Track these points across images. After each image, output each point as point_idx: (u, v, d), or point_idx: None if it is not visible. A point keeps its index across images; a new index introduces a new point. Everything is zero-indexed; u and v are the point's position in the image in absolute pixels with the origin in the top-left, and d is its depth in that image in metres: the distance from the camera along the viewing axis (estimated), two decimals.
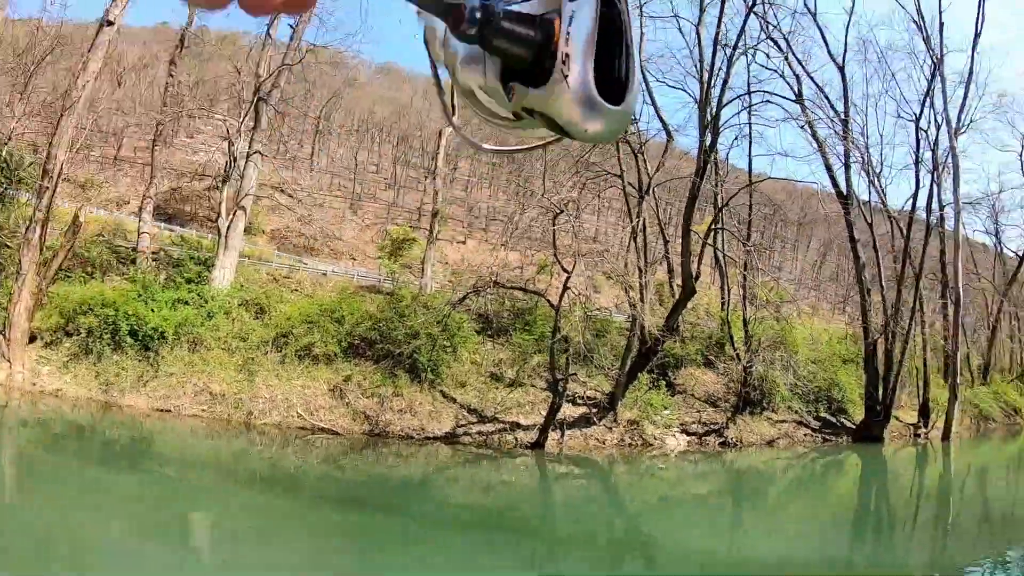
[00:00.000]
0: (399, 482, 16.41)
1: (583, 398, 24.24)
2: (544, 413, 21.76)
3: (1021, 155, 45.27)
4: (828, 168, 31.02)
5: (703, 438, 25.47)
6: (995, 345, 49.00)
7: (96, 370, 20.52)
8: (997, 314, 47.81)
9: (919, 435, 32.55)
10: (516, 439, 21.82)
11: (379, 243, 38.42)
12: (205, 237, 32.19)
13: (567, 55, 0.81)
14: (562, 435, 22.19)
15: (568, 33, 0.83)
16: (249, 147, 27.29)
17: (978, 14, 33.75)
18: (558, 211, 23.51)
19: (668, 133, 27.80)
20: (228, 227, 26.02)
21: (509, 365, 24.94)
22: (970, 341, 47.59)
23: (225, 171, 28.26)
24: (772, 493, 20.30)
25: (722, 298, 31.33)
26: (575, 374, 23.12)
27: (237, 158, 27.22)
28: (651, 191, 27.09)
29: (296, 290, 28.24)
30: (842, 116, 31.77)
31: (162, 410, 19.55)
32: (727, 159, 30.68)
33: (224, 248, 25.78)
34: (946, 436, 31.95)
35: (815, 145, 30.63)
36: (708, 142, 25.81)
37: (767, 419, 27.47)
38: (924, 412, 33.33)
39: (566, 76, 0.82)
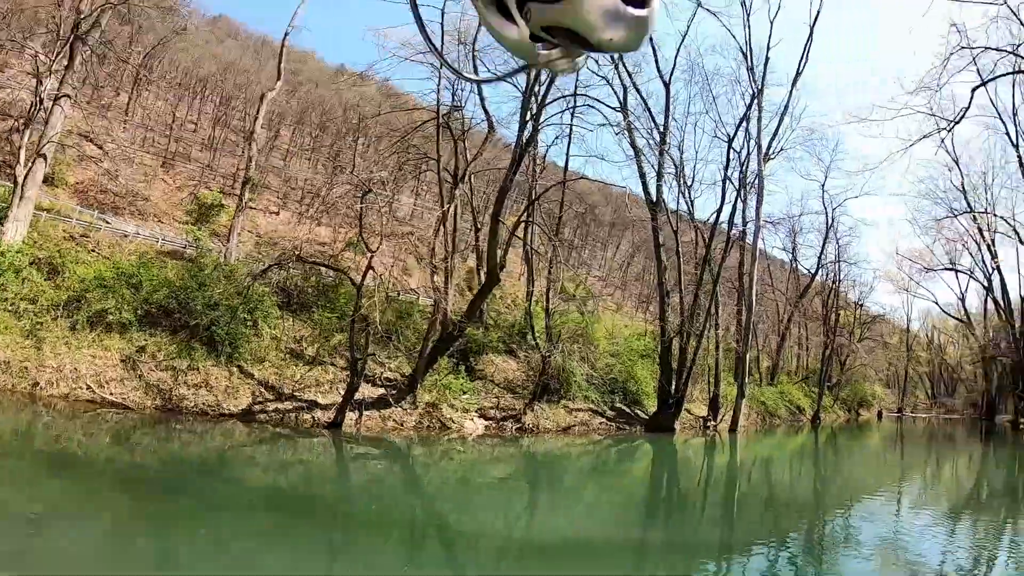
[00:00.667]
0: (194, 461, 15.56)
1: (383, 379, 24.01)
2: (343, 392, 21.48)
3: (823, 185, 49.61)
4: (642, 176, 32.53)
5: (501, 423, 26.00)
6: (784, 350, 53.22)
7: None
8: (787, 322, 51.92)
9: (708, 427, 34.74)
10: (314, 418, 21.36)
11: (187, 206, 36.51)
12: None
13: None
14: (360, 415, 21.96)
15: None
16: (59, 88, 24.92)
17: (802, 55, 36.21)
18: (367, 189, 23.20)
19: (490, 124, 28.07)
20: (26, 176, 23.61)
21: (310, 342, 24.30)
22: (761, 345, 51.49)
23: (29, 112, 25.77)
24: (568, 477, 20.60)
25: (528, 289, 32.07)
26: (374, 354, 22.89)
27: (44, 99, 24.83)
28: (467, 178, 27.26)
29: (94, 251, 26.22)
30: (661, 129, 33.28)
31: None
32: (545, 156, 31.39)
33: (19, 199, 23.36)
34: (733, 429, 34.50)
35: (632, 153, 31.91)
36: (527, 137, 26.21)
37: (564, 407, 28.41)
38: (714, 406, 35.67)
39: None
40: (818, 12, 35.39)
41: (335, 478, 16.50)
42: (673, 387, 31.53)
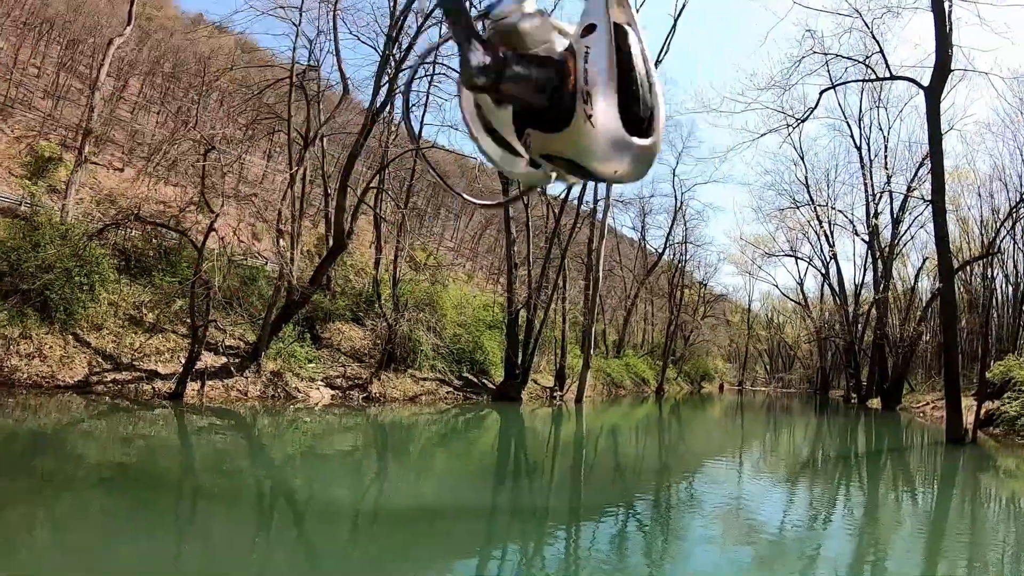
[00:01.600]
0: (29, 438, 14.49)
1: (226, 347, 23.23)
2: (184, 361, 20.82)
3: (675, 170, 51.92)
4: None
5: (348, 392, 25.96)
6: (630, 324, 55.57)
7: None
8: (634, 298, 54.29)
9: (555, 397, 36.07)
10: (154, 388, 20.51)
11: (23, 159, 34.06)
12: None
13: (588, 93, 0.75)
14: (202, 385, 21.37)
15: (586, 71, 0.76)
16: None
17: (663, 46, 37.17)
18: (210, 146, 22.46)
19: (346, 86, 27.68)
20: None
21: (150, 308, 23.00)
22: (609, 319, 53.54)
23: None
24: (417, 446, 20.34)
25: (376, 256, 32.07)
26: (215, 320, 22.20)
27: None
28: (318, 141, 26.86)
29: None
30: None
31: None
32: (399, 123, 31.22)
33: None
34: (579, 399, 35.87)
35: None
36: (380, 102, 26.05)
37: (411, 376, 28.67)
38: (560, 377, 37.05)
39: (590, 116, 0.75)
40: (683, 6, 36.63)
41: (179, 452, 15.78)
42: (520, 358, 32.49)
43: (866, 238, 52.42)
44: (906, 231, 50.79)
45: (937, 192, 24.95)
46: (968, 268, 43.49)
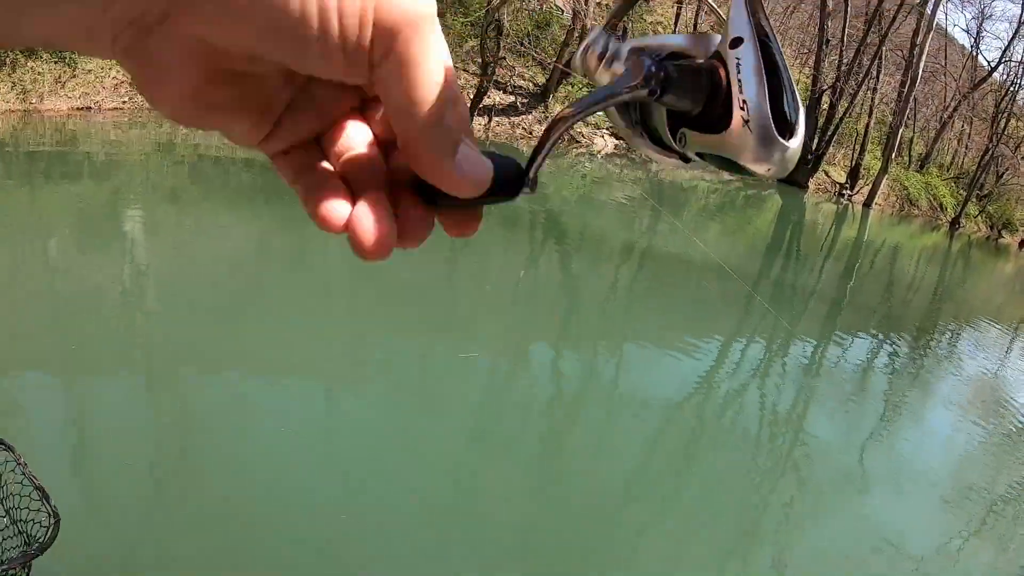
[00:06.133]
0: None
1: (515, 87, 24.08)
2: (472, 96, 21.64)
3: None
4: None
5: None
6: (942, 140, 50.07)
7: (11, 80, 19.24)
8: (952, 112, 48.39)
9: (843, 195, 33.93)
10: None
11: None
12: None
13: (744, 101, 0.64)
14: (489, 120, 22.31)
15: (740, 80, 0.65)
16: None
17: None
18: None
19: None
20: None
21: None
22: (920, 128, 48.60)
23: None
24: (691, 209, 20.91)
25: (676, 11, 30.83)
26: (504, 58, 22.82)
27: None
28: None
29: None
30: None
31: (82, 108, 18.44)
32: None
33: None
34: (868, 204, 33.60)
35: None
36: None
37: None
38: (853, 175, 34.63)
39: (747, 121, 0.64)
40: None
41: None
42: (815, 143, 30.90)
43: None
44: None
45: None
46: None
